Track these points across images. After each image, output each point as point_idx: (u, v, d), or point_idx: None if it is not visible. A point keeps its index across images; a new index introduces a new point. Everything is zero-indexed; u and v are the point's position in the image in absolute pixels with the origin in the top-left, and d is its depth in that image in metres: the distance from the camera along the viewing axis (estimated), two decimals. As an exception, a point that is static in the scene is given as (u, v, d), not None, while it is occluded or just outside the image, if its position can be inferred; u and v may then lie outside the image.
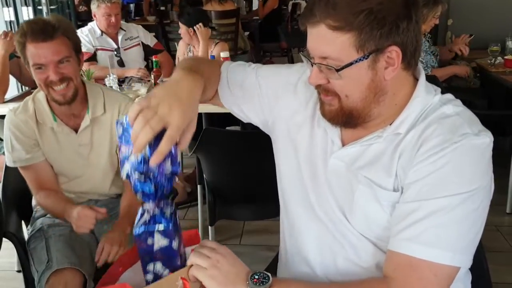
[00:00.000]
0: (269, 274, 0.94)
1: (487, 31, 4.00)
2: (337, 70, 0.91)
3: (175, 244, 0.91)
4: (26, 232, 1.96)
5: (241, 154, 1.13)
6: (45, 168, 1.82)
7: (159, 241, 0.89)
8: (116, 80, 3.04)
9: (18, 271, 2.48)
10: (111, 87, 2.93)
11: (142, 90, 3.04)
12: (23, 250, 1.76)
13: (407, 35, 0.91)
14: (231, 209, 2.28)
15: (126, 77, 3.31)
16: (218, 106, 1.23)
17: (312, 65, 0.96)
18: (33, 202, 1.97)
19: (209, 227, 2.29)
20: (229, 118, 2.24)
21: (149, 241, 0.89)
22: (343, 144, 1.04)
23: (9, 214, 1.88)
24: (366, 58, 0.90)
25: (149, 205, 0.90)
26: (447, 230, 0.89)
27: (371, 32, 0.88)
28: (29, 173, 1.82)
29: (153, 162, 0.84)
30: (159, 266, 0.92)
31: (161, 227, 0.89)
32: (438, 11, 3.42)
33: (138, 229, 0.90)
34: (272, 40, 5.84)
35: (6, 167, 1.98)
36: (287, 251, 1.19)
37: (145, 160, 0.85)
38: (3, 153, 2.32)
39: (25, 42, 1.65)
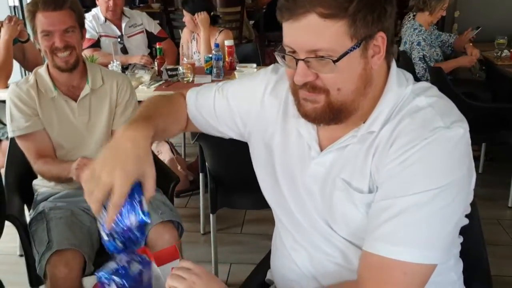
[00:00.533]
0: None
1: (494, 23, 3.97)
2: (334, 62, 0.85)
3: None
4: (28, 216, 1.97)
5: (244, 142, 1.12)
6: (44, 137, 1.88)
7: None
8: (120, 67, 3.03)
9: (20, 256, 2.50)
10: (115, 73, 2.92)
11: (146, 77, 3.04)
12: (25, 234, 1.77)
13: (390, 20, 0.88)
14: (233, 197, 2.29)
15: (130, 64, 3.30)
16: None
17: (296, 62, 0.89)
18: (34, 186, 1.98)
19: (211, 215, 2.30)
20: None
21: (106, 286, 0.93)
22: (321, 148, 1.01)
23: (12, 197, 1.90)
24: (359, 46, 0.86)
25: (119, 257, 0.95)
26: (417, 228, 0.86)
27: (364, 18, 0.84)
28: (27, 142, 1.87)
29: (107, 228, 0.88)
30: None
31: (117, 279, 0.92)
32: (446, 2, 3.39)
33: (100, 272, 0.94)
34: (276, 29, 5.77)
35: (9, 152, 2.00)
36: (278, 246, 1.18)
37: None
38: (6, 138, 2.33)
39: (36, 10, 1.79)
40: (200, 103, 1.16)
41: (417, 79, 1.06)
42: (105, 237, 0.91)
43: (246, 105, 1.12)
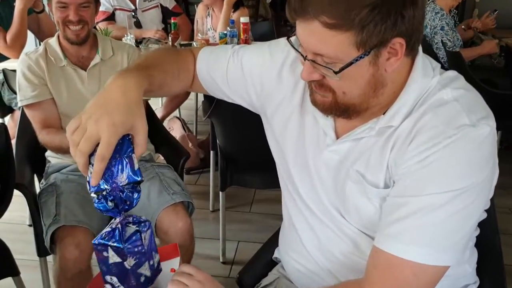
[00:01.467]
0: None
1: (515, 9, 3.86)
2: (336, 72, 0.82)
3: (127, 264, 0.87)
4: (38, 186, 1.97)
5: (256, 121, 1.10)
6: (51, 107, 1.88)
7: (113, 256, 0.86)
8: (134, 41, 3.01)
9: (29, 225, 2.52)
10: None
11: (159, 52, 3.01)
12: (34, 204, 1.77)
13: (412, 22, 0.80)
14: (243, 176, 2.27)
15: (144, 38, 3.28)
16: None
17: (304, 58, 0.85)
18: (47, 157, 1.98)
19: (220, 192, 2.29)
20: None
21: (105, 253, 0.87)
22: (337, 135, 0.97)
23: (22, 167, 1.90)
24: (367, 55, 0.81)
25: (116, 220, 0.87)
26: (430, 229, 0.83)
27: (374, 28, 0.77)
28: (34, 112, 1.87)
29: (93, 183, 0.80)
30: (115, 279, 0.89)
31: (113, 243, 0.85)
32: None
33: (97, 239, 0.87)
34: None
35: (20, 122, 2.00)
36: (285, 228, 1.16)
37: None
38: (19, 108, 2.33)
39: None
40: (212, 67, 1.10)
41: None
42: (94, 195, 0.82)
43: (261, 74, 1.06)
